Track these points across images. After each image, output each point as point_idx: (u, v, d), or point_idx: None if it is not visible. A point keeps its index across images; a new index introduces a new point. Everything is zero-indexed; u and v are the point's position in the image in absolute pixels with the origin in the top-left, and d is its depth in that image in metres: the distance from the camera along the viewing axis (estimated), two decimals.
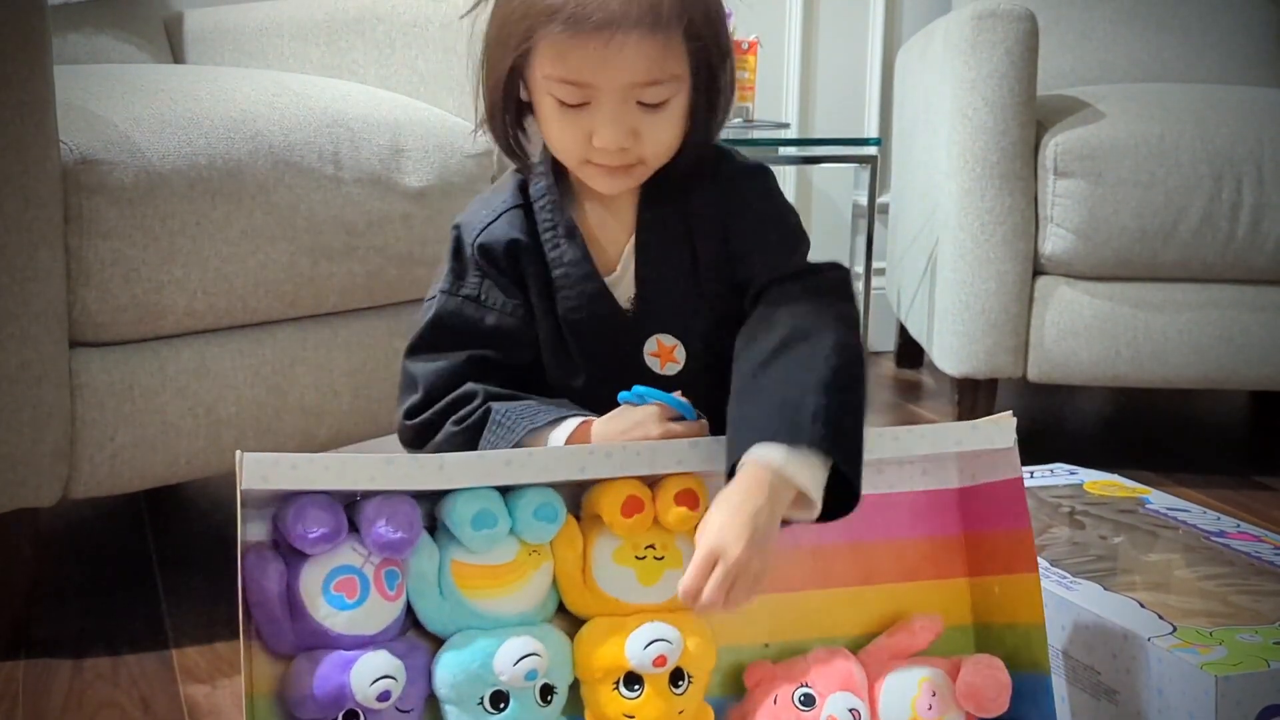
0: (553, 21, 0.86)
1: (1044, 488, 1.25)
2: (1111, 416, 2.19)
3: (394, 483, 0.83)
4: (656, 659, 0.85)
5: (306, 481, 0.82)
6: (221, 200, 1.24)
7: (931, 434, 0.93)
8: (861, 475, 0.85)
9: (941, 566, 0.97)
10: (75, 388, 1.17)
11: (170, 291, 1.21)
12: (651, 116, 0.90)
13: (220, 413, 1.28)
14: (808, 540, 0.93)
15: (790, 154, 2.09)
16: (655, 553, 0.88)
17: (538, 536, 0.87)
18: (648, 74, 0.88)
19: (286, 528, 0.83)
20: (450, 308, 0.97)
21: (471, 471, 0.85)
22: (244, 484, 0.80)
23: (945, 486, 0.97)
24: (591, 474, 0.86)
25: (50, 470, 1.16)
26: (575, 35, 0.86)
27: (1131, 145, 1.66)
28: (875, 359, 2.42)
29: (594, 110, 0.89)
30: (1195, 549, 1.09)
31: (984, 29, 1.66)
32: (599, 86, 0.88)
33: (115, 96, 1.25)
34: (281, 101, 1.34)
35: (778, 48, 2.36)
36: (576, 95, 0.89)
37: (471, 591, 0.86)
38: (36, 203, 1.11)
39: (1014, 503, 0.94)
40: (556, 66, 0.88)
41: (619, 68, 0.87)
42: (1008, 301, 1.68)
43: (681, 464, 0.88)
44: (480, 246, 0.96)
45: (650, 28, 0.86)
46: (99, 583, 1.39)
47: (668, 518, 0.87)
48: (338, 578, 0.83)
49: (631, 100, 0.89)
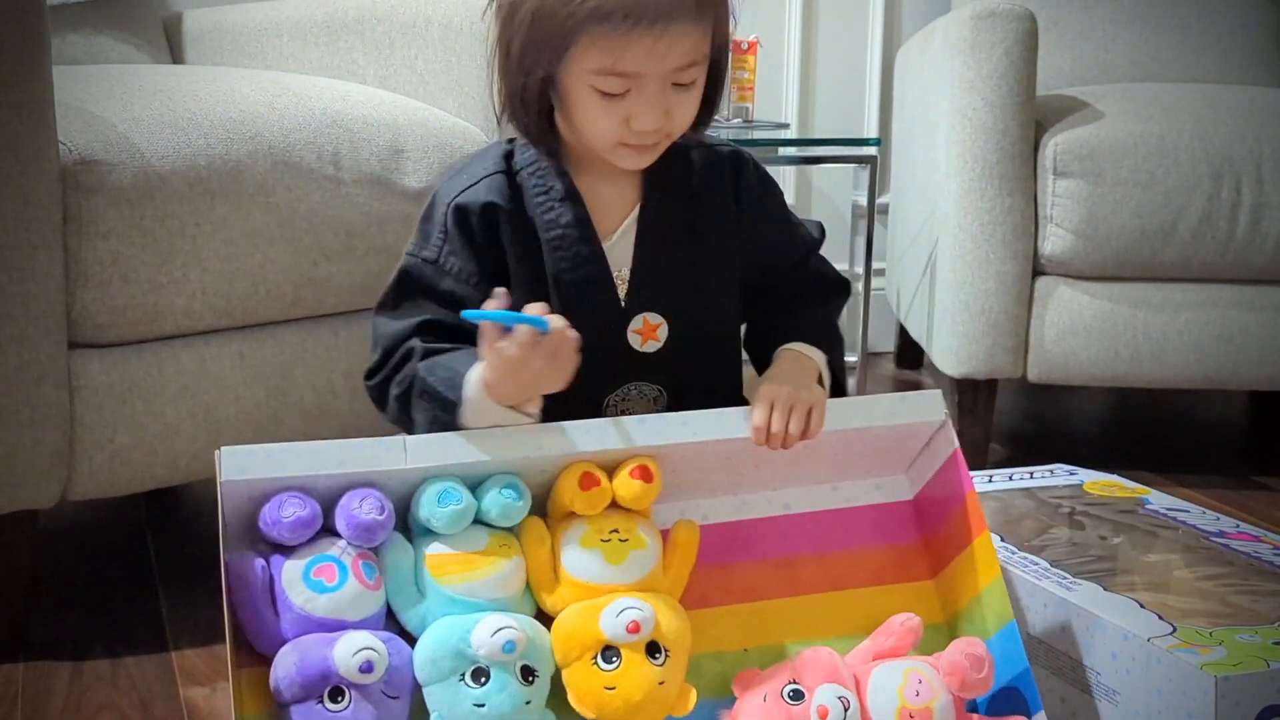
0: (607, 21, 0.90)
1: (1044, 488, 1.25)
2: (1111, 417, 2.19)
3: (361, 465, 0.88)
4: (629, 625, 0.87)
5: (281, 468, 0.86)
6: (221, 201, 1.24)
7: (866, 405, 0.99)
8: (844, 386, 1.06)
9: (906, 571, 1.01)
10: (74, 389, 1.17)
11: (169, 292, 1.21)
12: (681, 95, 0.95)
13: (220, 414, 1.27)
14: (775, 554, 0.99)
15: (790, 154, 2.09)
16: (619, 535, 0.92)
17: (505, 515, 0.90)
18: (689, 57, 0.93)
19: (265, 523, 0.86)
20: (411, 268, 1.00)
21: (432, 451, 0.90)
22: (223, 476, 0.85)
23: (899, 499, 1.03)
24: (547, 451, 0.91)
25: (49, 472, 1.16)
26: (626, 32, 0.90)
27: (1131, 145, 1.66)
28: (875, 360, 2.42)
29: (634, 97, 0.93)
30: (1195, 549, 1.08)
31: (983, 29, 1.65)
32: (646, 75, 0.93)
33: (114, 97, 1.25)
34: (281, 102, 1.34)
35: (777, 48, 2.36)
36: (621, 85, 0.93)
37: (447, 579, 0.89)
38: (35, 203, 1.11)
39: (958, 477, 0.99)
40: (606, 61, 0.92)
41: (667, 57, 0.92)
42: (1007, 302, 1.68)
43: (631, 440, 0.92)
44: (456, 208, 0.99)
45: (696, 17, 0.92)
46: (98, 585, 1.39)
47: (626, 491, 0.92)
48: (317, 565, 0.87)
49: (668, 83, 0.94)
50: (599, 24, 0.90)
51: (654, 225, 1.01)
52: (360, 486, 0.88)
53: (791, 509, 1.01)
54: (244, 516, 0.87)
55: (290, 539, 0.86)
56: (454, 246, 0.99)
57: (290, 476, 0.87)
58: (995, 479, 1.29)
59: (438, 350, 0.96)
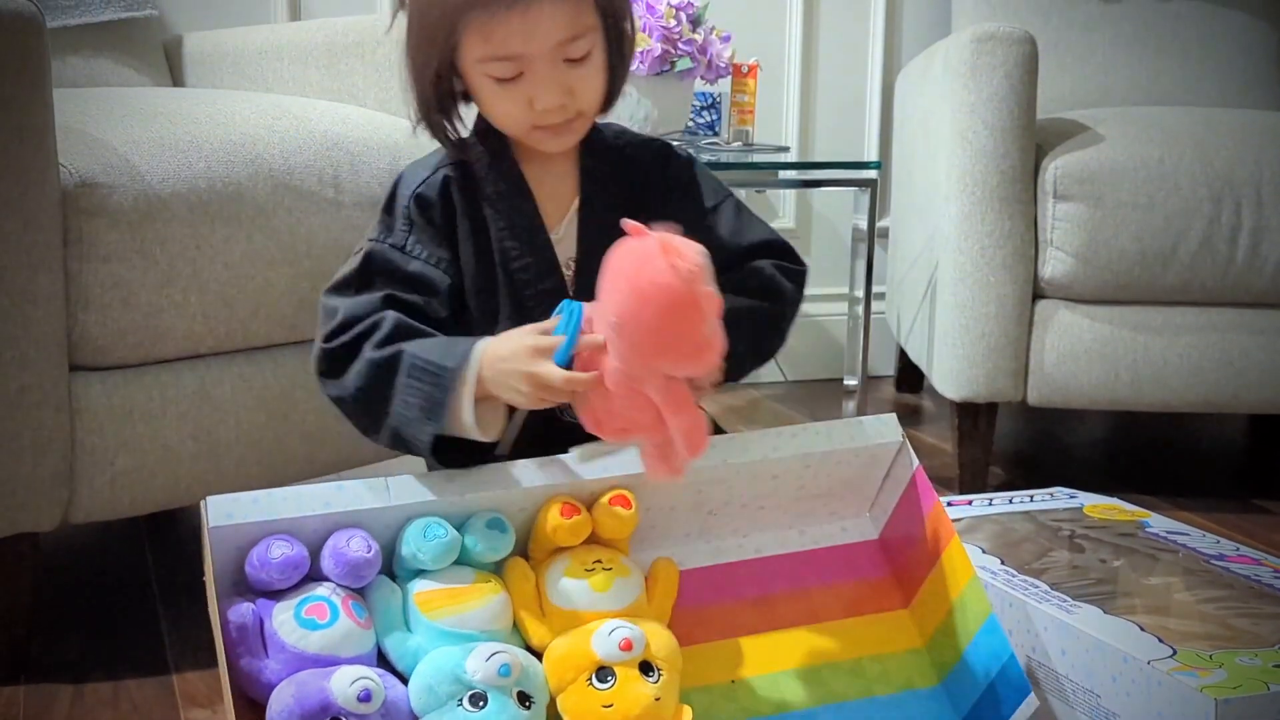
0: (472, 9, 0.93)
1: (1044, 511, 1.25)
2: (1111, 440, 2.19)
3: (346, 505, 0.89)
4: (622, 643, 0.89)
5: (267, 512, 0.88)
6: (221, 224, 1.24)
7: (826, 430, 1.02)
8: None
9: (879, 602, 1.03)
10: (75, 412, 1.17)
11: (170, 315, 1.22)
12: (579, 70, 0.98)
13: (221, 437, 1.28)
14: (751, 593, 1.01)
15: (790, 177, 2.09)
16: (603, 565, 0.94)
17: (492, 547, 0.91)
18: (568, 30, 0.96)
19: (253, 565, 0.87)
20: (376, 253, 1.01)
21: (415, 490, 0.92)
22: (210, 522, 0.86)
23: (865, 539, 1.06)
24: (526, 484, 0.93)
25: (50, 494, 1.16)
26: (495, 14, 0.93)
27: (1131, 168, 1.66)
28: (875, 383, 2.42)
29: (529, 79, 0.96)
30: (1195, 572, 1.08)
31: (984, 52, 1.66)
32: (529, 55, 0.95)
33: (115, 120, 1.26)
34: (282, 125, 1.34)
35: (777, 71, 2.37)
36: (510, 69, 0.96)
37: (436, 614, 0.89)
38: (36, 226, 1.12)
39: (921, 496, 1.01)
40: (485, 47, 0.95)
41: (542, 33, 0.95)
42: (1008, 325, 1.68)
43: (606, 471, 0.94)
44: (417, 197, 1.01)
45: None
46: (99, 607, 1.38)
47: (607, 519, 0.94)
48: (308, 604, 0.87)
49: (559, 60, 0.96)
50: (473, 11, 0.93)
51: (594, 216, 1.04)
52: (346, 527, 0.89)
53: (763, 552, 1.04)
54: (232, 563, 0.88)
55: (280, 580, 0.87)
56: (419, 234, 1.01)
57: (277, 519, 0.88)
58: (995, 502, 1.29)
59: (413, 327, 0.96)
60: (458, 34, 0.95)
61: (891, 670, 0.99)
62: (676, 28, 1.93)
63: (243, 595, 0.88)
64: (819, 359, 2.47)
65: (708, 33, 1.98)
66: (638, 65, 1.91)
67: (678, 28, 1.93)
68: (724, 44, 2.00)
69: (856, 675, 0.99)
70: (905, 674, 0.99)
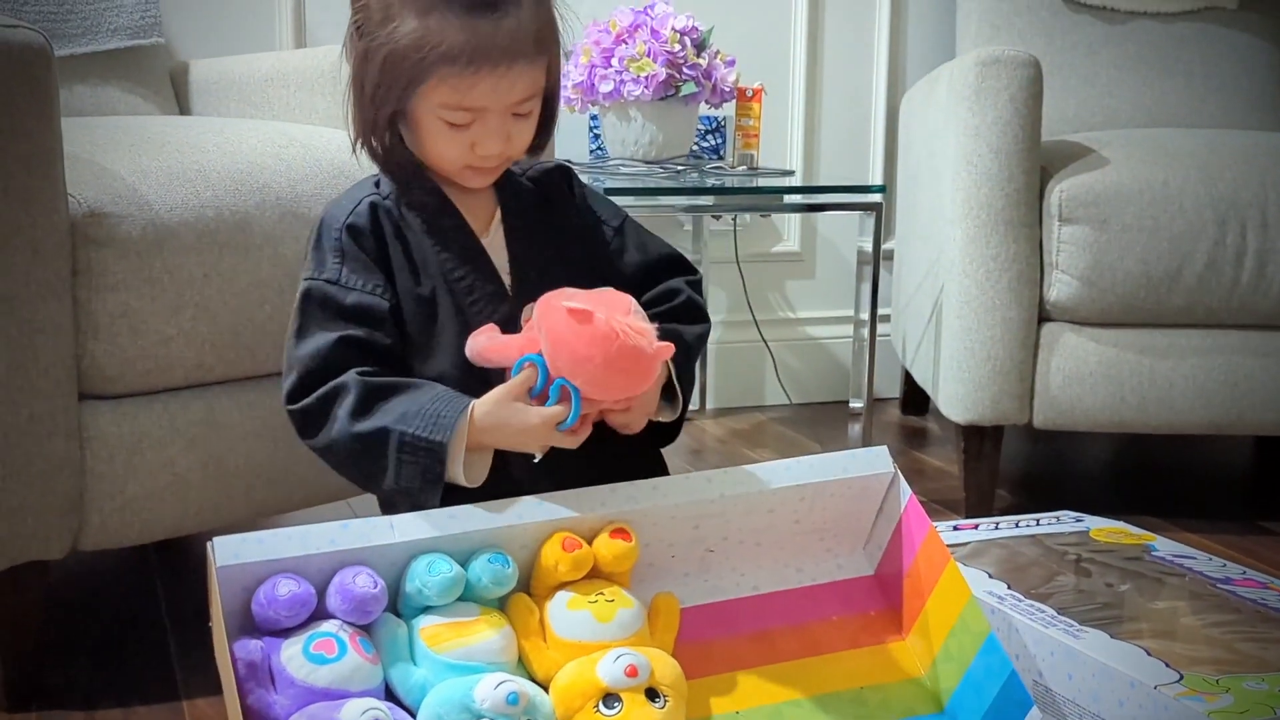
0: (454, 63, 1.00)
1: (1050, 535, 1.25)
2: (1117, 463, 2.18)
3: (351, 542, 0.91)
4: (627, 669, 0.89)
5: (274, 552, 0.89)
6: (229, 252, 1.25)
7: (819, 463, 1.04)
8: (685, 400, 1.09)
9: (878, 634, 1.04)
10: (85, 440, 1.18)
11: (178, 344, 1.22)
12: (521, 123, 1.06)
13: (228, 464, 1.28)
14: (751, 629, 1.03)
15: (795, 201, 2.10)
16: (605, 597, 0.95)
17: (496, 581, 0.92)
18: (528, 91, 1.04)
19: (260, 604, 0.87)
20: (313, 291, 1.06)
21: (418, 527, 0.93)
22: (218, 562, 0.87)
23: (861, 575, 1.07)
24: (527, 519, 0.95)
25: (60, 522, 1.17)
26: (477, 72, 1.00)
27: (1136, 191, 1.67)
28: (880, 405, 2.42)
29: (478, 126, 1.04)
30: (1202, 596, 1.08)
31: (988, 76, 1.67)
32: (489, 108, 1.03)
33: (123, 149, 1.27)
34: (288, 153, 1.36)
35: (782, 95, 2.38)
36: (467, 117, 1.03)
37: (443, 647, 0.90)
38: (45, 255, 1.13)
39: (914, 526, 1.02)
40: (454, 98, 1.02)
41: (509, 92, 1.03)
42: (1013, 348, 1.68)
43: (605, 506, 0.96)
44: (348, 228, 1.07)
45: (532, 57, 1.03)
46: (109, 634, 1.39)
47: (607, 552, 0.95)
48: (316, 640, 0.88)
49: (509, 113, 1.05)
50: (448, 65, 1.00)
51: (518, 225, 1.11)
52: (352, 564, 0.90)
53: (761, 589, 1.05)
54: (239, 603, 0.89)
55: (288, 618, 0.87)
56: (351, 264, 1.05)
57: (283, 558, 0.89)
58: (1001, 526, 1.29)
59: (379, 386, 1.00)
60: (426, 80, 1.01)
61: (892, 699, 0.99)
62: (681, 53, 1.94)
63: (250, 635, 0.89)
64: (824, 382, 2.47)
65: (712, 57, 1.99)
66: (642, 90, 1.92)
67: (682, 53, 1.94)
68: (729, 68, 2.01)
69: (858, 704, 0.99)
70: (906, 702, 0.99)
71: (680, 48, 1.94)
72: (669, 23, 1.95)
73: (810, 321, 2.48)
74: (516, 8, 1.02)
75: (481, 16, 1.00)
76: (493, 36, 1.00)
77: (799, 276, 2.47)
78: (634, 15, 1.97)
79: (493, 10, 1.01)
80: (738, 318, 2.40)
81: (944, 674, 0.99)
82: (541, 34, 1.04)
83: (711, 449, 2.16)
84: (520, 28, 1.02)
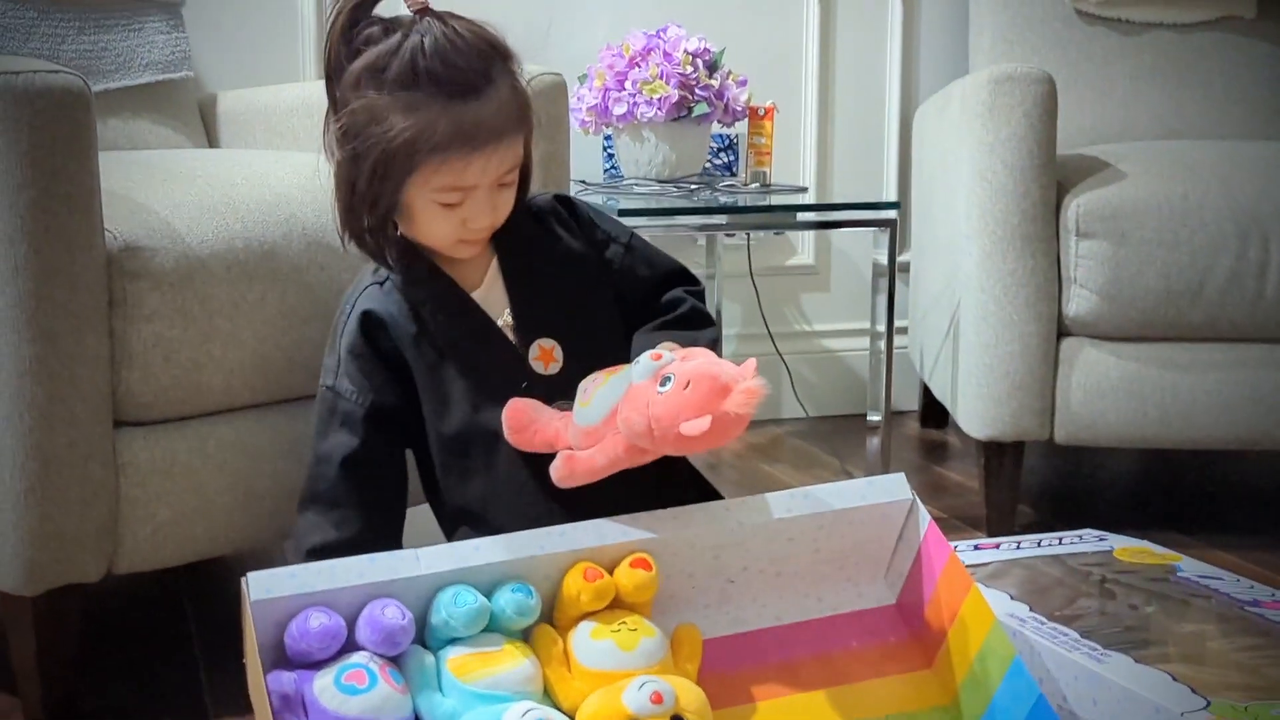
0: (447, 151, 1.05)
1: (1073, 555, 1.25)
2: (1141, 479, 2.18)
3: (379, 575, 0.92)
4: (653, 695, 0.90)
5: (305, 585, 0.91)
6: (258, 282, 1.27)
7: (837, 491, 1.05)
8: None
9: (902, 663, 1.04)
10: (120, 466, 1.20)
11: (209, 371, 1.24)
12: (505, 192, 1.11)
13: (256, 487, 1.30)
14: (775, 659, 1.03)
15: (808, 219, 2.11)
16: (628, 626, 0.96)
17: (521, 612, 0.94)
18: (512, 163, 1.10)
19: (293, 636, 0.89)
20: (322, 398, 1.16)
21: (445, 558, 0.95)
22: (252, 597, 0.88)
23: (883, 604, 1.08)
24: (550, 550, 0.97)
25: (96, 546, 1.19)
26: (469, 155, 1.05)
27: (1154, 205, 1.66)
28: (899, 419, 2.42)
29: (468, 203, 1.09)
30: (1229, 619, 1.08)
31: (1002, 92, 1.67)
32: (479, 185, 1.08)
33: (156, 183, 1.29)
34: (314, 184, 1.37)
35: (794, 112, 2.39)
36: (458, 196, 1.08)
37: (469, 677, 0.91)
38: (83, 289, 1.15)
39: (935, 554, 1.02)
40: (448, 180, 1.07)
41: (498, 168, 1.08)
42: (1033, 363, 1.68)
43: (626, 535, 0.97)
44: (346, 333, 1.14)
45: (515, 131, 1.09)
46: (140, 655, 1.40)
47: (628, 582, 0.96)
48: (347, 671, 0.89)
49: (496, 186, 1.10)
50: (441, 153, 1.05)
51: (514, 267, 1.15)
52: (380, 597, 0.92)
53: (783, 619, 1.05)
54: (271, 637, 0.91)
55: (319, 650, 0.89)
56: (347, 369, 1.13)
57: (314, 591, 0.90)
58: (1024, 545, 1.29)
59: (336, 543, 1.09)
60: (419, 170, 1.06)
61: None
62: (694, 74, 1.95)
63: (283, 667, 0.90)
64: (841, 395, 2.48)
65: (724, 78, 2.00)
66: (655, 111, 1.93)
67: (695, 74, 1.95)
68: (740, 87, 2.02)
69: None
70: None
71: (693, 69, 1.95)
72: (681, 45, 1.96)
73: (826, 334, 2.49)
74: (495, 89, 1.07)
75: (465, 101, 1.05)
76: (477, 119, 1.05)
77: (814, 290, 2.48)
78: (647, 38, 1.98)
79: (475, 94, 1.05)
80: (752, 331, 2.41)
81: (970, 701, 1.00)
82: (520, 108, 1.09)
83: (728, 463, 2.16)
84: (501, 106, 1.07)
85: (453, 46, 1.04)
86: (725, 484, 2.01)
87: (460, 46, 1.05)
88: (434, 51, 1.04)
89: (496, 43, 1.08)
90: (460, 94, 1.04)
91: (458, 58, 1.04)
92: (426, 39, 1.04)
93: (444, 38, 1.04)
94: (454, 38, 1.05)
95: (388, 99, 1.05)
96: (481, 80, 1.06)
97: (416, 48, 1.04)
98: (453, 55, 1.04)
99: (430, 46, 1.04)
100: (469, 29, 1.07)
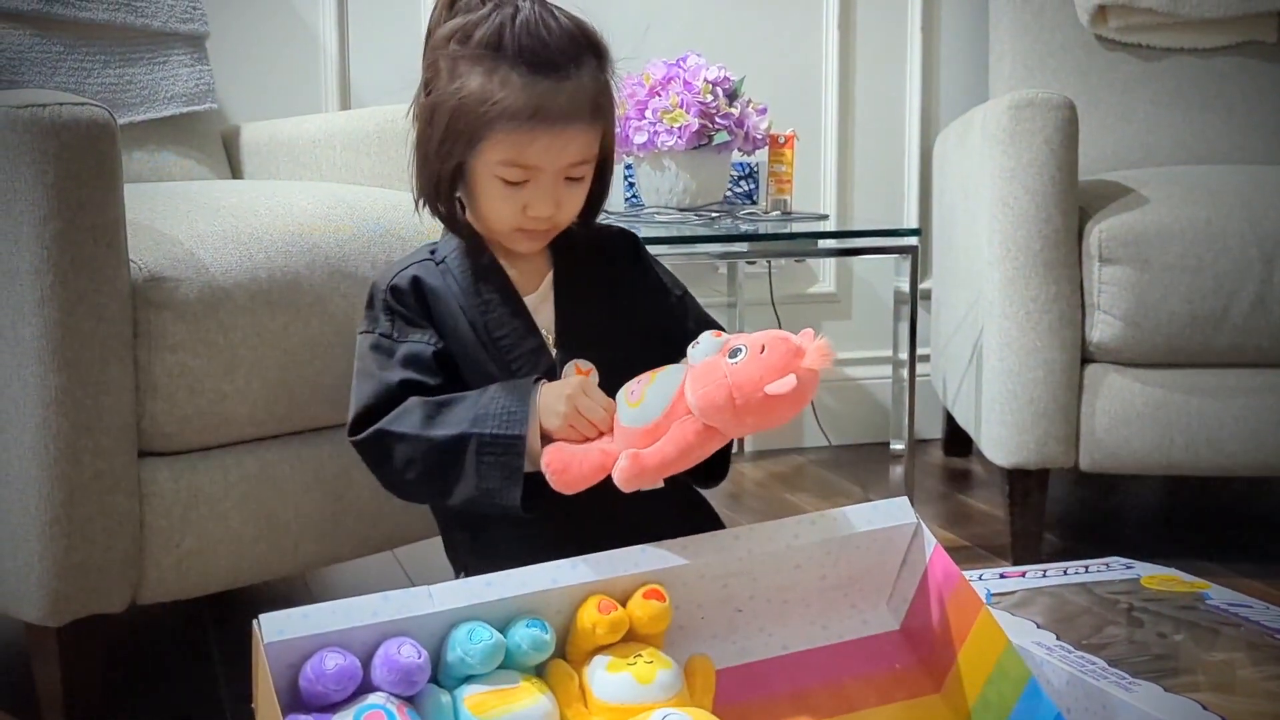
0: (515, 119, 1.05)
1: (1100, 582, 1.24)
2: (1167, 506, 2.16)
3: (393, 613, 0.91)
4: None
5: (318, 625, 0.89)
6: (280, 311, 1.28)
7: (842, 517, 1.04)
8: None
9: (911, 689, 1.04)
10: (144, 496, 1.21)
11: (233, 401, 1.25)
12: (572, 188, 1.11)
13: (280, 517, 1.30)
14: (785, 688, 1.03)
15: (830, 246, 2.11)
16: (644, 659, 0.95)
17: (536, 647, 0.93)
18: (582, 155, 1.09)
19: (308, 679, 0.88)
20: (368, 344, 1.13)
21: (458, 595, 0.94)
22: (265, 639, 0.87)
23: (887, 630, 1.07)
24: (562, 583, 0.95)
25: (120, 577, 1.19)
26: (535, 129, 1.05)
27: (1178, 230, 1.66)
28: (923, 447, 2.41)
29: (531, 187, 1.09)
30: (1259, 647, 1.07)
31: (1022, 119, 1.67)
32: (543, 168, 1.08)
33: (180, 214, 1.30)
34: (336, 214, 1.38)
35: (815, 139, 2.39)
36: (522, 175, 1.08)
37: (489, 715, 0.91)
38: (108, 320, 1.16)
39: (941, 577, 1.01)
40: (512, 153, 1.07)
41: (564, 153, 1.08)
42: (1057, 390, 1.67)
43: (638, 566, 0.97)
44: (391, 289, 1.13)
45: (589, 121, 1.09)
46: (165, 684, 1.41)
47: (642, 613, 0.96)
48: (366, 713, 0.88)
49: (562, 176, 1.09)
50: (509, 121, 1.05)
51: (568, 287, 1.15)
52: (394, 635, 0.91)
53: (790, 648, 1.05)
54: (286, 680, 0.90)
55: (335, 692, 0.87)
56: (398, 320, 1.12)
57: (328, 631, 0.89)
58: (1050, 573, 1.28)
59: (437, 399, 1.07)
60: (487, 136, 1.06)
61: None
62: (714, 103, 1.96)
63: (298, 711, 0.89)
64: (863, 423, 2.47)
65: (744, 106, 2.01)
66: (676, 140, 1.94)
67: (715, 103, 1.96)
68: (760, 116, 2.03)
69: None
70: None
71: (713, 98, 1.96)
72: (701, 74, 1.97)
73: (848, 363, 2.48)
74: (577, 72, 1.07)
75: (543, 77, 1.06)
76: (552, 97, 1.05)
77: (835, 317, 2.48)
78: (667, 68, 1.99)
79: (555, 71, 1.06)
80: None
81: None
82: (598, 100, 1.09)
83: (750, 492, 2.16)
84: (579, 91, 1.07)
85: (544, 25, 1.06)
86: (748, 513, 2.00)
87: (552, 27, 1.07)
88: (524, 25, 1.06)
89: (592, 35, 1.10)
90: (540, 69, 1.06)
91: (546, 35, 1.06)
92: (520, 14, 1.07)
93: (536, 16, 1.07)
94: (547, 19, 1.07)
95: (470, 59, 1.07)
96: (565, 61, 1.07)
97: (507, 18, 1.06)
98: (541, 32, 1.06)
99: (521, 20, 1.06)
100: (567, 16, 1.09)
